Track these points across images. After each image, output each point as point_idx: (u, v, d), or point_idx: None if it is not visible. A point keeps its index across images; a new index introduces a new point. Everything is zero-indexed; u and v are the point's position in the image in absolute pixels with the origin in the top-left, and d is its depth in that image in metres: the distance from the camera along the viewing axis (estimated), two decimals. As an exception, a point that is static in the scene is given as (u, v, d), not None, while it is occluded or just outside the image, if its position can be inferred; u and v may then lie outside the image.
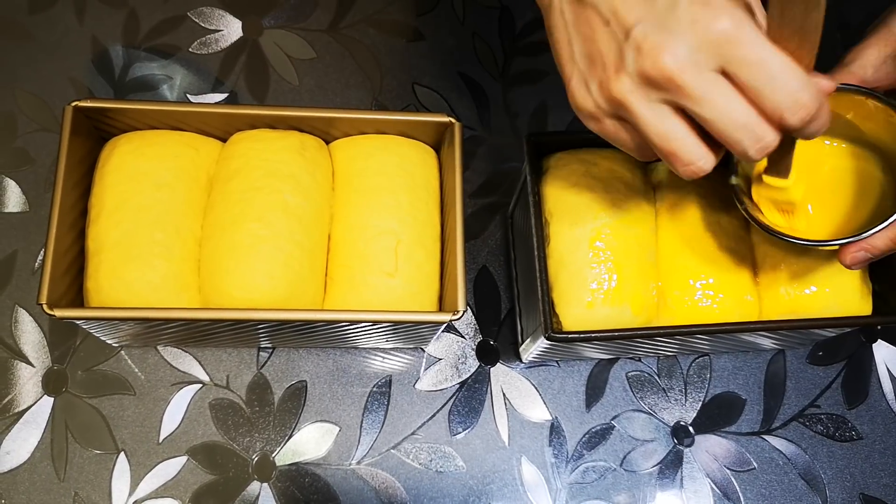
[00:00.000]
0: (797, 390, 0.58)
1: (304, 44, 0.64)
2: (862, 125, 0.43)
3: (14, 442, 0.51)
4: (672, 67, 0.32)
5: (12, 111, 0.59)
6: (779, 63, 0.33)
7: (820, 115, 0.34)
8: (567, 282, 0.46)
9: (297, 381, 0.55)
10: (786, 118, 0.33)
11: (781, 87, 0.33)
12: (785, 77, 0.33)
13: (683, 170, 0.35)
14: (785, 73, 0.33)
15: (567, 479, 0.54)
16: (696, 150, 0.35)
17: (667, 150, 0.35)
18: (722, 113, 0.33)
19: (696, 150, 0.35)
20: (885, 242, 0.40)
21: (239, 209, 0.45)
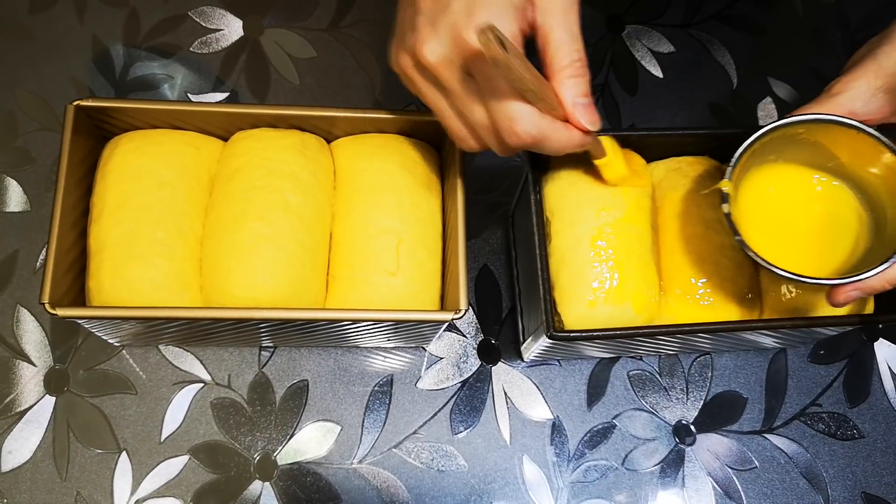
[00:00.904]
0: (799, 389, 0.58)
1: (305, 43, 0.64)
2: (845, 158, 0.43)
3: (16, 441, 0.51)
4: (429, 57, 0.37)
5: (13, 111, 0.59)
6: (506, 87, 0.36)
7: (542, 144, 0.38)
8: (569, 280, 0.46)
9: (299, 380, 0.55)
10: (503, 139, 0.38)
11: (500, 111, 0.37)
12: (505, 103, 0.37)
13: (458, 143, 0.41)
14: (509, 97, 0.37)
15: (568, 478, 0.54)
16: (462, 132, 0.40)
17: (443, 125, 0.41)
18: (466, 110, 0.39)
19: (462, 131, 0.40)
20: (881, 283, 0.41)
21: (240, 208, 0.45)
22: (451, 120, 0.40)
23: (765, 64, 0.67)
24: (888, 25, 0.42)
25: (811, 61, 0.68)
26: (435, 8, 0.37)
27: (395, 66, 0.41)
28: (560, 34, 0.37)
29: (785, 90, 0.67)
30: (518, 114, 0.37)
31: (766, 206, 0.45)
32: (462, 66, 0.37)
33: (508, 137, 0.38)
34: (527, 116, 0.37)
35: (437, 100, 0.40)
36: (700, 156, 0.52)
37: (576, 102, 0.38)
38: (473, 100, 0.38)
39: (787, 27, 0.69)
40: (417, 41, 0.37)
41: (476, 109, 0.38)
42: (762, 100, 0.66)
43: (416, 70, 0.39)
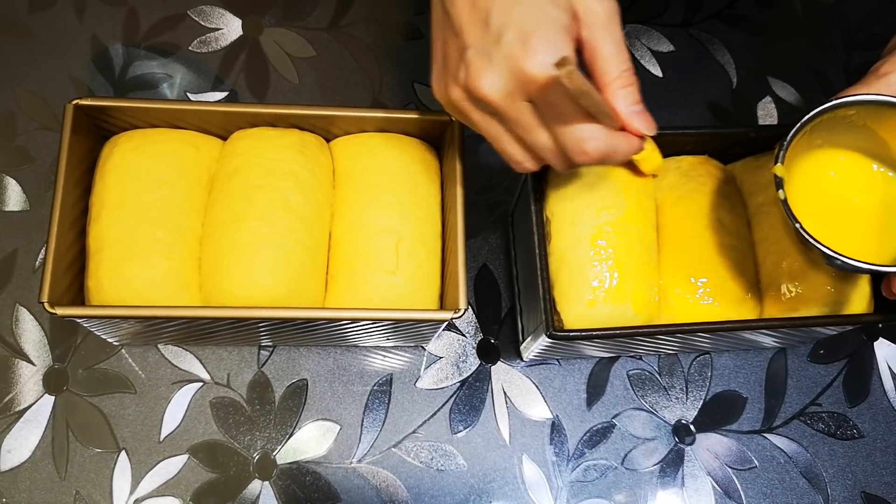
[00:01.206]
0: (798, 388, 0.58)
1: (304, 42, 0.64)
2: (894, 141, 0.42)
3: (15, 441, 0.51)
4: (487, 92, 0.37)
5: (12, 110, 0.59)
6: (571, 110, 0.37)
7: (609, 159, 0.40)
8: (568, 280, 0.46)
9: (298, 379, 0.55)
10: (572, 158, 0.39)
11: (569, 134, 0.38)
12: (573, 125, 0.38)
13: (514, 167, 0.42)
14: (575, 119, 0.37)
15: (568, 477, 0.54)
16: (520, 155, 0.41)
17: (498, 149, 0.41)
18: (529, 136, 0.39)
19: (520, 154, 0.41)
20: None
21: (240, 207, 0.45)
22: (509, 145, 0.40)
23: (765, 63, 0.67)
24: (889, 24, 0.42)
25: (811, 61, 0.68)
26: (485, 40, 0.36)
27: (444, 100, 0.40)
28: (608, 47, 0.38)
29: (785, 90, 0.66)
30: (587, 134, 0.38)
31: (818, 193, 0.43)
32: (521, 96, 0.37)
33: (578, 157, 0.39)
34: (596, 135, 0.38)
35: (493, 128, 0.40)
36: (700, 155, 0.52)
37: (631, 111, 0.39)
38: (537, 126, 0.38)
39: (786, 27, 0.69)
40: (473, 75, 0.37)
41: (540, 134, 0.39)
42: (762, 99, 0.66)
43: (469, 102, 0.39)
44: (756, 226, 0.50)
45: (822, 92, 0.66)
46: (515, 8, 0.36)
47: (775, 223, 0.49)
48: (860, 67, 0.68)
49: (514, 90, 0.37)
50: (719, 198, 0.49)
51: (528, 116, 0.38)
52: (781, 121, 0.66)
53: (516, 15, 0.36)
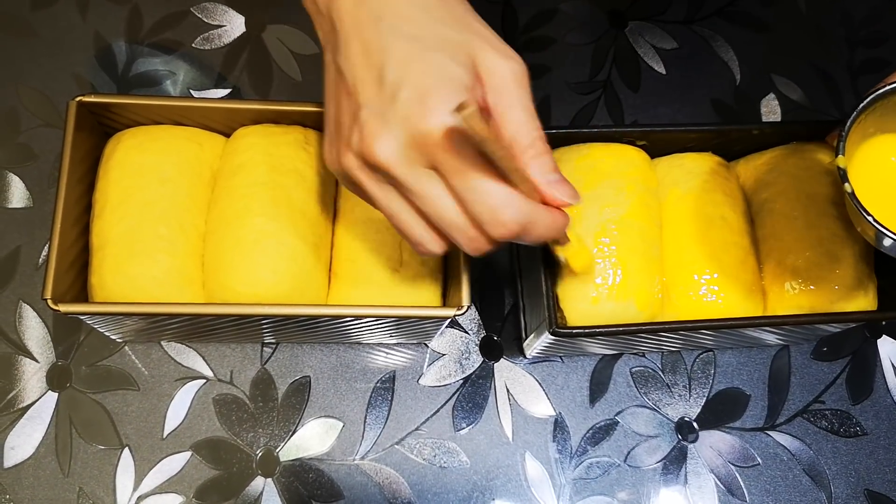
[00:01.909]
0: (801, 386, 0.58)
1: (307, 39, 0.64)
2: None
3: (18, 437, 0.51)
4: (382, 157, 0.33)
5: (15, 107, 0.59)
6: (479, 176, 0.33)
7: (529, 231, 0.34)
8: (572, 277, 0.46)
9: (301, 376, 0.55)
10: (488, 231, 0.34)
11: (482, 201, 0.33)
12: (486, 191, 0.33)
13: (416, 249, 0.37)
14: (485, 186, 0.33)
15: (571, 474, 0.54)
16: (425, 235, 0.36)
17: (398, 229, 0.36)
18: (434, 209, 0.34)
19: (425, 234, 0.36)
20: None
21: (243, 204, 0.45)
22: (409, 224, 0.36)
23: (768, 60, 0.67)
24: (892, 21, 0.41)
25: (814, 58, 0.68)
26: (380, 99, 0.33)
27: (336, 169, 0.36)
28: (516, 114, 0.34)
29: (788, 86, 0.66)
30: (502, 201, 0.33)
31: (880, 181, 0.42)
32: (422, 162, 0.33)
33: (494, 229, 0.34)
34: (512, 202, 0.33)
35: (391, 202, 0.35)
36: (703, 152, 0.52)
37: (548, 180, 0.35)
38: (442, 194, 0.34)
39: (789, 23, 0.69)
40: (367, 138, 0.33)
41: (447, 206, 0.34)
42: (765, 96, 0.66)
43: (363, 171, 0.34)
44: (759, 223, 0.50)
45: (826, 89, 0.66)
46: (412, 64, 0.33)
47: (779, 220, 0.49)
48: (863, 64, 0.67)
49: (413, 154, 0.33)
50: (722, 195, 0.49)
51: (431, 185, 0.33)
52: (785, 118, 0.65)
53: (413, 71, 0.32)
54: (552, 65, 0.65)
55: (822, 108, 0.66)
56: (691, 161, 0.51)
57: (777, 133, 0.51)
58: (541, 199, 0.35)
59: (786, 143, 0.51)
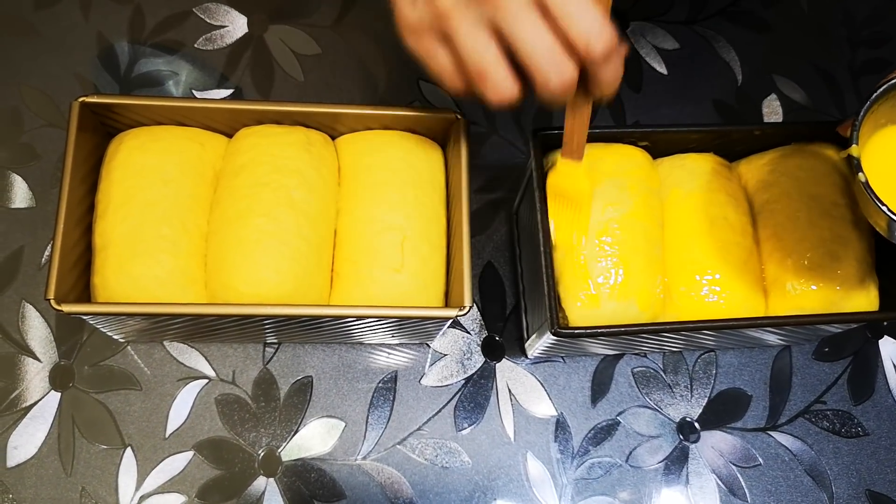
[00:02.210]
0: (803, 386, 0.58)
1: (309, 40, 0.64)
2: None
3: (21, 437, 0.51)
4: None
5: (18, 107, 0.59)
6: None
7: (614, 58, 0.36)
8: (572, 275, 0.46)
9: (303, 376, 0.55)
10: (592, 45, 0.35)
11: (587, 18, 0.35)
12: (590, 9, 0.35)
13: (492, 94, 0.37)
14: (590, 5, 0.35)
15: (573, 474, 0.54)
16: (504, 75, 0.36)
17: (478, 70, 0.36)
18: (531, 34, 0.35)
19: (504, 75, 0.36)
20: None
21: (245, 204, 0.45)
22: (492, 64, 0.36)
23: (770, 61, 0.67)
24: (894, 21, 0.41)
25: (816, 58, 0.68)
26: None
27: (419, 12, 0.36)
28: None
29: (790, 87, 0.66)
30: (602, 16, 0.34)
31: (892, 172, 0.41)
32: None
33: (596, 43, 0.35)
34: (607, 20, 0.35)
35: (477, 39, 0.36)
36: (704, 153, 0.52)
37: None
38: (539, 24, 0.35)
39: (791, 24, 0.69)
40: None
41: (543, 34, 0.35)
42: (767, 97, 0.66)
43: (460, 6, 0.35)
44: (761, 223, 0.50)
45: (827, 89, 0.66)
46: None
47: (781, 220, 0.49)
48: (865, 64, 0.67)
49: None
50: (724, 195, 0.49)
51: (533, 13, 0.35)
52: (786, 118, 0.65)
53: None
54: (554, 65, 0.65)
55: (823, 108, 0.66)
56: (693, 161, 0.51)
57: (779, 133, 0.51)
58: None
59: (788, 144, 0.51)
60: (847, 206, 0.48)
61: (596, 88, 0.38)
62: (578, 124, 0.43)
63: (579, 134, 0.43)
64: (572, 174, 0.45)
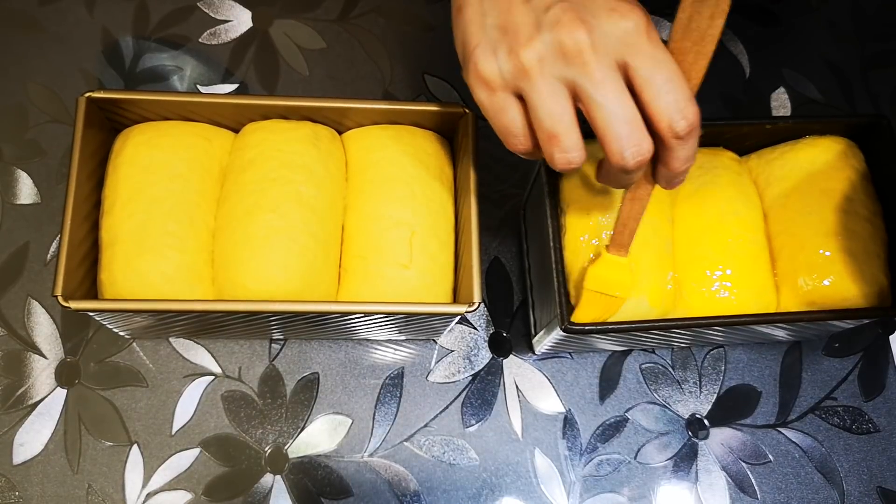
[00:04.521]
0: (813, 382, 0.57)
1: (314, 34, 0.64)
2: None
3: (27, 434, 0.51)
4: (585, 43, 0.33)
5: (23, 103, 0.59)
6: (676, 69, 0.34)
7: (695, 137, 0.35)
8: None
9: (310, 373, 0.55)
10: (675, 122, 0.34)
11: (675, 91, 0.34)
12: (680, 83, 0.34)
13: (560, 157, 0.36)
14: (680, 79, 0.34)
15: (581, 471, 0.54)
16: (576, 140, 0.35)
17: (550, 132, 0.35)
18: (613, 102, 0.34)
19: (576, 139, 0.35)
20: None
21: (253, 200, 0.45)
22: (566, 126, 0.35)
23: (778, 54, 0.67)
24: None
25: (825, 51, 0.67)
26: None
27: (500, 66, 0.35)
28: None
29: (798, 80, 0.66)
30: (689, 93, 0.34)
31: None
32: (614, 54, 0.34)
33: (678, 122, 0.34)
34: (693, 97, 0.34)
35: (556, 99, 0.35)
36: (714, 147, 0.52)
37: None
38: (623, 92, 0.34)
39: (800, 17, 0.68)
40: (566, 26, 0.33)
41: (626, 102, 0.34)
42: (775, 90, 0.65)
43: (542, 63, 0.34)
44: (772, 218, 0.49)
45: (837, 82, 0.66)
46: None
47: (792, 215, 0.48)
48: (875, 58, 0.67)
49: (613, 46, 0.33)
50: (734, 190, 0.49)
51: (619, 80, 0.34)
52: (795, 112, 0.65)
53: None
54: (561, 59, 0.64)
55: (833, 101, 0.65)
56: (703, 156, 0.50)
57: (790, 128, 0.51)
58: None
59: (799, 138, 0.51)
60: (859, 201, 0.48)
61: (665, 169, 0.36)
62: (636, 212, 0.40)
63: (633, 223, 0.41)
64: (618, 269, 0.42)
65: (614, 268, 0.42)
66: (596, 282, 0.43)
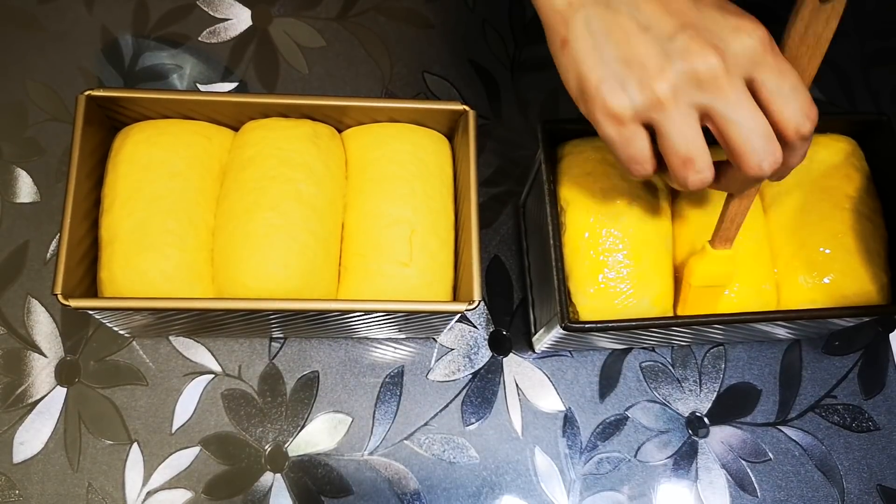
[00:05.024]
0: (813, 380, 0.57)
1: (314, 32, 0.63)
2: None
3: (27, 432, 0.51)
4: (719, 68, 0.34)
5: (22, 101, 0.59)
6: (797, 76, 0.35)
7: (812, 133, 0.36)
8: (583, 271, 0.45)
9: (310, 371, 0.55)
10: (801, 126, 0.35)
11: (800, 98, 0.35)
12: (802, 89, 0.35)
13: (694, 178, 0.37)
14: (802, 85, 0.35)
15: (581, 469, 0.54)
16: (709, 160, 0.36)
17: (686, 157, 0.36)
18: (749, 120, 0.35)
19: (708, 159, 0.36)
20: None
21: (252, 198, 0.45)
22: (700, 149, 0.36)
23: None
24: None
25: (825, 50, 0.67)
26: (699, 19, 0.35)
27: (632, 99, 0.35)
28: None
29: (799, 79, 0.66)
30: (809, 96, 0.35)
31: None
32: (742, 72, 0.35)
33: (803, 126, 0.35)
34: (811, 98, 0.35)
35: (689, 125, 0.35)
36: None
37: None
38: (754, 107, 0.35)
39: (801, 15, 0.68)
40: (695, 53, 0.34)
41: (758, 116, 0.35)
42: (776, 89, 0.65)
43: (675, 92, 0.34)
44: (773, 216, 0.49)
45: (837, 80, 0.66)
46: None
47: (792, 213, 0.48)
48: (875, 55, 0.67)
49: (742, 64, 0.34)
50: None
51: (748, 96, 0.35)
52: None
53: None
54: (561, 57, 0.64)
55: (833, 99, 0.65)
56: (703, 154, 0.50)
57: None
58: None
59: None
60: (860, 199, 0.48)
61: (783, 167, 0.37)
62: (744, 207, 0.42)
63: (741, 218, 0.42)
64: (725, 261, 0.44)
65: (720, 261, 0.44)
66: (703, 278, 0.44)
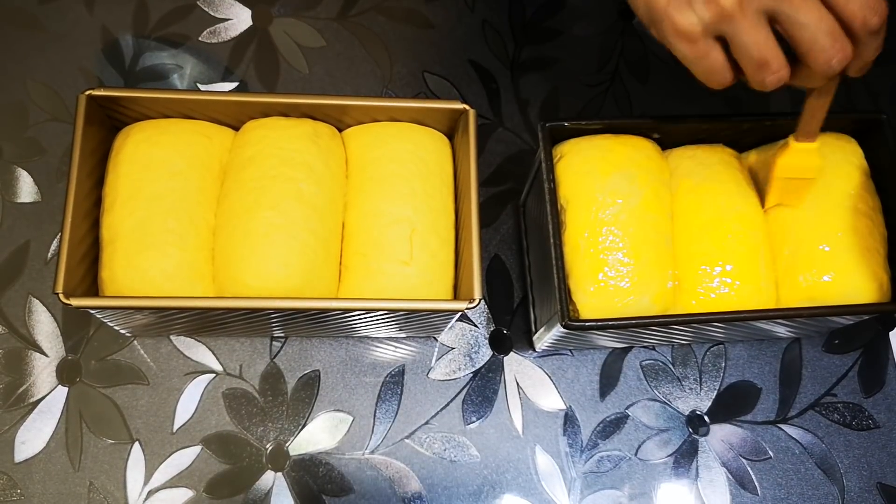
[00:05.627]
0: (813, 379, 0.57)
1: (314, 32, 0.64)
2: None
3: (29, 432, 0.51)
4: None
5: (23, 101, 0.59)
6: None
7: (884, 27, 0.37)
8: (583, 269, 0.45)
9: (311, 370, 0.55)
10: (869, 19, 0.36)
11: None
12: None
13: (771, 78, 0.38)
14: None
15: (581, 468, 0.54)
16: (783, 59, 0.38)
17: (760, 60, 0.37)
18: (815, 19, 0.36)
19: (783, 58, 0.38)
20: None
21: (253, 197, 0.45)
22: (773, 50, 0.37)
23: (778, 51, 0.67)
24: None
25: (825, 48, 0.67)
26: None
27: (699, 16, 0.37)
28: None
29: (798, 78, 0.66)
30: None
31: None
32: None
33: (872, 17, 0.36)
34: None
35: (760, 29, 0.37)
36: (714, 143, 0.52)
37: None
38: (820, 6, 0.36)
39: (800, 14, 0.68)
40: None
41: (825, 15, 0.36)
42: (775, 88, 0.65)
43: (745, 1, 0.36)
44: (772, 214, 0.49)
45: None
46: None
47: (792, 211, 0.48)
48: (875, 55, 0.67)
49: None
50: (734, 186, 0.49)
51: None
52: (794, 108, 0.65)
53: None
54: (560, 56, 0.65)
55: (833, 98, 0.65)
56: (703, 152, 0.50)
57: (790, 124, 0.51)
58: None
59: (798, 134, 0.51)
60: (859, 197, 0.48)
61: (858, 60, 0.38)
62: (823, 102, 0.44)
63: (821, 113, 0.44)
64: (808, 154, 0.45)
65: (803, 154, 0.45)
66: (786, 170, 0.46)
